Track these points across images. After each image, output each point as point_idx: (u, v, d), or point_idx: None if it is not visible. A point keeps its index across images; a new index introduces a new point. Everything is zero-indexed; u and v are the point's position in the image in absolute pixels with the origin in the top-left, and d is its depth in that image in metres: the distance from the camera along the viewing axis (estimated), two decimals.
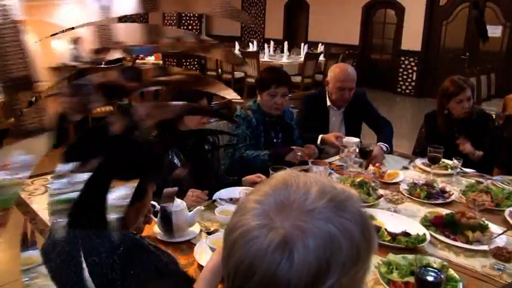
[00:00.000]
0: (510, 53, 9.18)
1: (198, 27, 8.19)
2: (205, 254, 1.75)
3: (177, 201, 1.90)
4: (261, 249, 0.65)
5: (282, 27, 12.97)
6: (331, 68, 3.43)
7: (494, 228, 2.04)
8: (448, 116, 3.17)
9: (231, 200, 2.30)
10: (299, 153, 2.77)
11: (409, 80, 10.68)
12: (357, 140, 3.03)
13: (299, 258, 0.64)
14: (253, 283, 0.65)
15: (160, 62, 8.39)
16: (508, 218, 2.17)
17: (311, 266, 0.64)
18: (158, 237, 1.89)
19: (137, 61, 7.49)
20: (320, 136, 3.19)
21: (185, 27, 7.96)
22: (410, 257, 1.69)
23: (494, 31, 9.30)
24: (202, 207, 2.04)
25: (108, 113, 6.11)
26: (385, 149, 3.06)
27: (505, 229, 2.03)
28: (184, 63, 8.16)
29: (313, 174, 0.79)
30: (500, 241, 1.90)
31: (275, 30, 12.98)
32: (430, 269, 1.45)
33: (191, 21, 8.01)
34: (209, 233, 1.96)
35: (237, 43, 10.53)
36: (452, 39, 9.97)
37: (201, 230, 1.98)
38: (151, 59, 8.67)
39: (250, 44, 10.90)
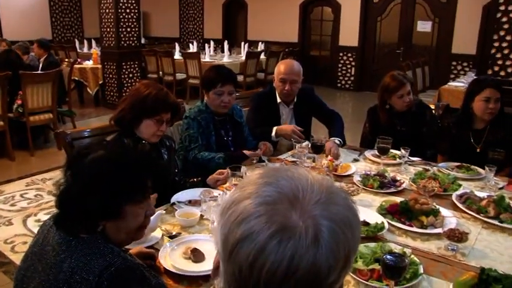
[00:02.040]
0: (440, 47, 9.69)
1: (136, 29, 8.00)
2: (170, 258, 1.73)
3: None
4: (298, 247, 0.66)
5: (221, 27, 12.97)
6: (277, 64, 3.48)
7: (445, 211, 2.15)
8: (390, 110, 3.30)
9: (190, 202, 2.28)
10: (259, 153, 2.83)
11: (348, 75, 11.01)
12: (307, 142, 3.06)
13: (331, 244, 0.68)
14: (293, 281, 0.67)
15: (100, 66, 8.13)
16: (456, 201, 2.30)
17: (343, 247, 0.69)
18: None
19: (75, 65, 7.21)
20: (274, 128, 3.22)
21: (123, 29, 7.76)
22: (372, 245, 1.75)
23: (425, 26, 9.78)
24: (163, 211, 2.01)
25: (47, 120, 5.87)
26: (338, 142, 3.14)
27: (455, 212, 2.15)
28: (125, 66, 7.96)
29: (297, 167, 0.81)
30: (451, 223, 2.02)
31: (214, 30, 12.95)
32: (395, 254, 1.51)
33: (129, 23, 7.81)
34: (171, 237, 1.94)
35: (177, 44, 10.42)
36: (387, 34, 10.38)
37: (163, 235, 1.95)
38: (89, 63, 8.40)
39: (190, 45, 10.82)
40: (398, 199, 2.24)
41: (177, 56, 9.56)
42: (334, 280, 0.70)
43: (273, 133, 3.22)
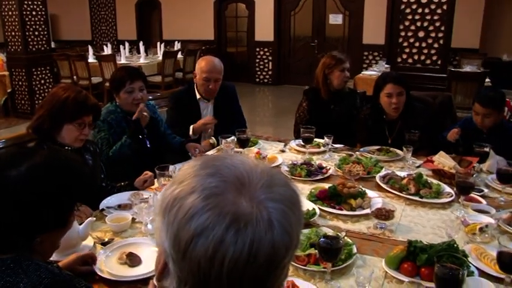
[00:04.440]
0: (351, 38, 10.13)
1: (45, 32, 7.58)
2: (106, 266, 1.67)
3: None
4: (256, 233, 0.67)
5: (135, 28, 12.63)
6: (198, 60, 3.48)
7: (371, 193, 2.27)
8: (328, 88, 3.49)
9: (120, 207, 2.22)
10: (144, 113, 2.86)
11: (265, 69, 11.18)
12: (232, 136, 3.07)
13: (284, 224, 0.70)
14: (256, 266, 0.67)
15: (6, 72, 7.61)
16: (380, 182, 2.43)
17: (295, 225, 0.72)
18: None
19: None
20: (191, 128, 3.26)
21: (30, 33, 7.33)
22: (306, 231, 1.80)
23: (336, 19, 10.18)
24: (94, 218, 1.93)
25: None
26: (212, 142, 3.30)
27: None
28: (35, 72, 7.52)
29: (232, 154, 0.82)
30: (378, 203, 2.12)
31: (128, 31, 12.59)
32: (329, 237, 1.56)
33: (36, 27, 7.39)
34: (104, 244, 1.87)
35: (90, 47, 10.01)
36: (301, 28, 10.68)
37: (95, 243, 1.88)
38: None
39: (104, 47, 10.43)
40: (326, 185, 2.32)
41: (91, 59, 9.18)
42: (288, 260, 0.72)
43: (191, 132, 3.28)
